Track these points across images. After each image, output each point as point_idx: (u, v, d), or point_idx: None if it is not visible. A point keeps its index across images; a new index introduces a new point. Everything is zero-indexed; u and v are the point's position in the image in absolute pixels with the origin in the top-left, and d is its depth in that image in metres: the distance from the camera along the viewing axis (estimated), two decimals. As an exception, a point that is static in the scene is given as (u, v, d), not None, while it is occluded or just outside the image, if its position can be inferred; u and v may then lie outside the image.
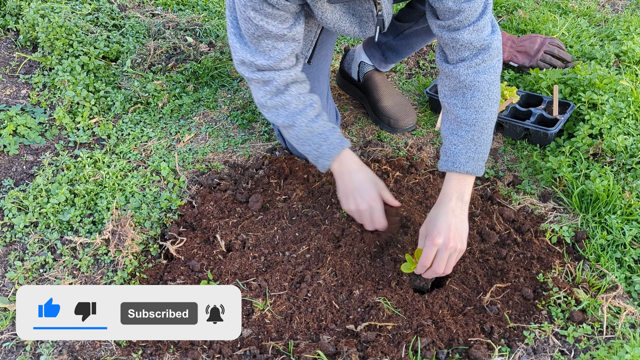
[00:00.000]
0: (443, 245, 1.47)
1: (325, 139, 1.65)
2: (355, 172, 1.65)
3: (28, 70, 2.49)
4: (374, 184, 1.65)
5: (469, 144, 1.53)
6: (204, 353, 1.45)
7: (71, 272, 1.69)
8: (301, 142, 1.68)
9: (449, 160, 1.54)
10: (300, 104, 1.64)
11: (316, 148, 1.66)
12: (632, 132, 1.90)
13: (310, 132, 1.65)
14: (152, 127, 2.24)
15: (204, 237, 1.75)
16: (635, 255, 1.62)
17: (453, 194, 1.52)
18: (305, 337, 1.47)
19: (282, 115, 1.65)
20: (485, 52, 1.50)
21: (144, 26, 2.73)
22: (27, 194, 1.91)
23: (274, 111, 1.66)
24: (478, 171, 1.54)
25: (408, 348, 1.42)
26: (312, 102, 1.67)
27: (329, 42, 1.97)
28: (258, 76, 1.59)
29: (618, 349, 1.36)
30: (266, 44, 1.53)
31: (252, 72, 1.59)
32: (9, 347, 1.50)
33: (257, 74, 1.59)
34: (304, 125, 1.65)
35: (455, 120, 1.55)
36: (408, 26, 2.05)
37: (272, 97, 1.63)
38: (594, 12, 2.94)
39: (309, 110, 1.65)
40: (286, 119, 1.65)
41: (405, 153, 2.06)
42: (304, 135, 1.66)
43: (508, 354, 1.42)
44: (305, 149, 1.69)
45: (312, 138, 1.66)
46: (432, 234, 1.48)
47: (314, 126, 1.65)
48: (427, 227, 1.52)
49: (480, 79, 1.51)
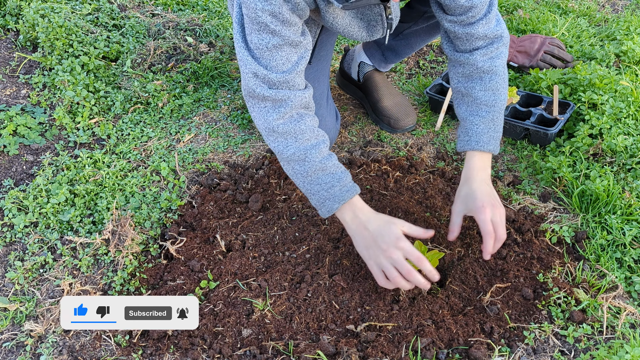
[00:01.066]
0: (493, 213, 1.52)
1: (338, 180, 1.51)
2: (370, 220, 1.50)
3: (28, 70, 2.49)
4: (393, 223, 1.49)
5: (490, 124, 1.60)
6: (204, 353, 1.45)
7: (71, 272, 1.69)
8: (309, 180, 1.52)
9: (472, 140, 1.59)
10: (314, 137, 1.51)
11: (327, 189, 1.51)
12: (632, 132, 1.90)
13: (323, 171, 1.51)
14: (152, 127, 2.24)
15: (204, 237, 1.75)
16: (635, 255, 1.62)
17: (479, 168, 1.59)
18: (305, 337, 1.47)
19: (293, 146, 1.49)
20: (498, 40, 1.59)
21: (144, 26, 2.73)
22: (27, 194, 1.91)
23: (282, 140, 1.50)
24: (496, 150, 1.62)
25: (408, 348, 1.42)
26: (324, 138, 1.54)
27: (329, 42, 1.97)
28: (271, 94, 1.46)
29: (618, 349, 1.36)
30: (280, 56, 1.44)
31: (264, 89, 1.46)
32: (9, 347, 1.50)
33: (270, 91, 1.46)
34: (317, 161, 1.50)
35: (474, 102, 1.61)
36: (407, 26, 2.05)
37: (286, 122, 1.49)
38: (594, 12, 2.94)
39: (322, 146, 1.52)
40: (297, 150, 1.49)
41: (405, 153, 2.06)
42: (314, 173, 1.51)
43: (508, 354, 1.42)
44: (313, 188, 1.52)
45: (324, 177, 1.51)
46: (478, 208, 1.52)
47: (328, 164, 1.51)
48: (467, 204, 1.55)
49: (496, 63, 1.59)
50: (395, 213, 1.74)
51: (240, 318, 1.52)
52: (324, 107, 1.95)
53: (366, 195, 1.83)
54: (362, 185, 1.88)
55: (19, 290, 1.65)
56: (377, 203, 1.80)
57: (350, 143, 2.14)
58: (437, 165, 2.01)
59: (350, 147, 2.12)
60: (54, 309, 1.58)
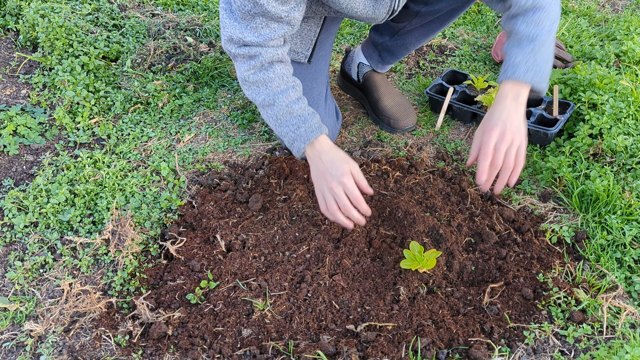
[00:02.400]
0: (500, 137, 1.46)
1: (304, 121, 1.63)
2: (326, 152, 1.62)
3: (28, 70, 2.49)
4: (345, 162, 1.60)
5: (529, 56, 1.51)
6: (204, 353, 1.45)
7: (71, 272, 1.69)
8: (279, 123, 1.66)
9: (508, 71, 1.52)
10: (283, 83, 1.63)
11: (294, 130, 1.64)
12: (632, 132, 1.90)
13: (290, 114, 1.64)
14: (152, 127, 2.24)
15: (204, 237, 1.75)
16: (635, 255, 1.62)
17: (508, 94, 1.52)
18: (305, 337, 1.47)
19: (263, 93, 1.63)
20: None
21: (144, 26, 2.73)
22: (27, 194, 1.91)
23: (254, 88, 1.64)
24: (537, 83, 1.51)
25: (408, 348, 1.42)
26: (294, 84, 1.65)
27: (327, 42, 1.97)
28: (244, 51, 1.58)
29: (618, 349, 1.36)
30: (259, 22, 1.52)
31: (238, 47, 1.58)
32: (9, 347, 1.50)
33: (243, 49, 1.57)
34: (284, 105, 1.63)
35: (515, 36, 1.54)
36: (402, 26, 2.07)
37: (256, 72, 1.61)
38: (594, 12, 2.94)
39: (291, 91, 1.64)
40: (267, 96, 1.63)
41: (405, 153, 2.06)
42: (282, 116, 1.64)
43: (508, 354, 1.42)
44: (282, 130, 1.66)
45: (291, 119, 1.64)
46: (487, 127, 1.49)
47: (295, 107, 1.64)
48: (484, 126, 1.52)
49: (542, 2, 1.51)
50: (395, 213, 1.74)
51: (240, 318, 1.52)
52: (322, 107, 1.95)
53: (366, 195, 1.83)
54: (362, 185, 1.89)
55: (19, 290, 1.65)
56: (377, 203, 1.80)
57: (350, 143, 2.14)
58: (437, 165, 2.01)
59: (350, 147, 2.12)
60: (54, 309, 1.58)
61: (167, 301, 1.59)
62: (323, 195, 1.62)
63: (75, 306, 1.58)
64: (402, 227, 1.71)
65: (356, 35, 2.80)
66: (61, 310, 1.57)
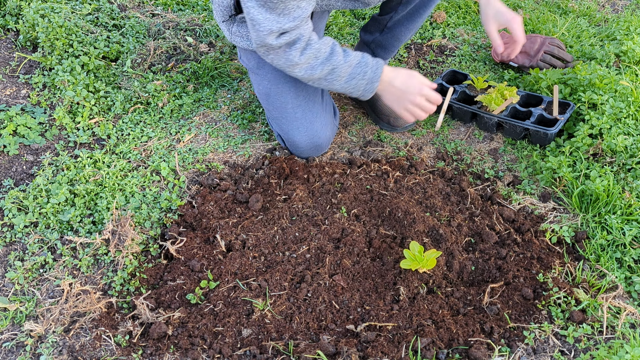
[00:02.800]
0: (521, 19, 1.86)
1: (365, 65, 1.74)
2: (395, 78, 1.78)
3: (28, 70, 2.49)
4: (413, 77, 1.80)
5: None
6: (204, 353, 1.45)
7: (71, 272, 1.69)
8: (345, 80, 1.73)
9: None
10: (327, 46, 1.70)
11: (362, 76, 1.74)
12: (632, 132, 1.90)
13: (350, 66, 1.72)
14: (152, 127, 2.24)
15: (204, 237, 1.75)
16: (635, 255, 1.62)
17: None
18: (305, 337, 1.47)
19: (318, 65, 1.69)
20: None
21: (144, 26, 2.73)
22: (27, 194, 1.91)
23: (306, 66, 1.68)
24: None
25: (408, 348, 1.42)
26: (332, 42, 1.73)
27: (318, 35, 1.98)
28: (285, 39, 1.61)
29: (618, 349, 1.36)
30: (291, 6, 1.56)
31: (277, 38, 1.61)
32: (9, 347, 1.50)
33: (283, 37, 1.61)
34: (342, 62, 1.70)
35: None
36: (389, 17, 2.08)
37: (303, 51, 1.66)
38: (594, 12, 2.94)
39: (336, 48, 1.72)
40: (323, 65, 1.69)
41: (405, 153, 2.06)
42: (346, 72, 1.72)
43: (508, 354, 1.42)
44: (351, 83, 1.74)
45: (355, 70, 1.73)
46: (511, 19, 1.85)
47: (350, 59, 1.72)
48: (499, 19, 1.87)
49: None
50: (395, 213, 1.74)
51: (240, 318, 1.52)
52: (319, 104, 1.95)
53: (366, 195, 1.83)
54: (362, 185, 1.89)
55: (19, 290, 1.65)
56: (377, 203, 1.80)
57: (350, 143, 2.14)
58: (437, 165, 2.01)
59: (350, 147, 2.12)
60: (54, 309, 1.58)
61: (167, 301, 1.59)
62: (407, 109, 1.82)
63: (75, 306, 1.58)
64: (402, 227, 1.71)
65: (356, 36, 2.80)
66: (61, 310, 1.57)
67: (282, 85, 1.90)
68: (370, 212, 1.78)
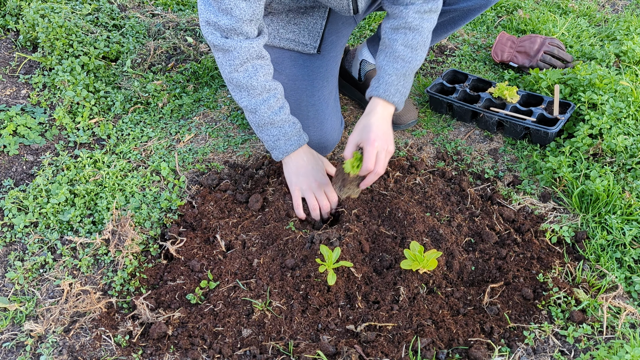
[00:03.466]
0: (381, 147, 1.66)
1: (284, 134, 1.73)
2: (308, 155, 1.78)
3: (28, 70, 2.49)
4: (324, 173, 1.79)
5: (401, 78, 1.72)
6: (204, 353, 1.45)
7: (71, 272, 1.69)
8: (260, 130, 1.75)
9: (381, 87, 1.72)
10: (265, 91, 1.69)
11: (273, 140, 1.74)
12: (632, 132, 1.90)
13: (271, 124, 1.72)
14: (152, 127, 2.24)
15: (204, 237, 1.75)
16: (635, 255, 1.62)
17: (378, 108, 1.72)
18: (305, 337, 1.47)
19: (245, 99, 1.70)
20: (434, 1, 1.69)
21: (144, 26, 2.73)
22: (27, 194, 1.91)
23: (237, 91, 1.70)
24: (400, 106, 1.75)
25: (408, 348, 1.42)
26: (276, 92, 1.72)
27: (339, 43, 1.99)
28: (220, 42, 1.61)
29: (618, 349, 1.36)
30: (228, 1, 1.55)
31: (215, 36, 1.61)
32: (9, 347, 1.50)
33: (219, 39, 1.61)
34: (266, 116, 1.71)
35: (393, 54, 1.72)
36: None
37: (240, 75, 1.65)
38: (594, 12, 2.94)
39: (272, 100, 1.70)
40: (249, 103, 1.70)
41: (405, 153, 2.06)
42: (264, 125, 1.73)
43: (508, 354, 1.42)
44: (263, 137, 1.76)
45: (272, 130, 1.73)
46: (370, 138, 1.66)
47: (276, 119, 1.72)
48: (362, 134, 1.69)
49: (423, 25, 1.70)
50: (395, 213, 1.74)
51: (240, 318, 1.52)
52: (332, 106, 1.95)
53: (366, 195, 1.83)
54: (362, 185, 1.89)
55: (19, 290, 1.65)
56: (377, 203, 1.80)
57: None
58: (437, 165, 2.01)
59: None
60: (54, 309, 1.58)
61: (167, 301, 1.59)
62: (303, 192, 1.76)
63: (75, 306, 1.58)
64: (402, 227, 1.71)
65: (356, 35, 2.80)
66: (61, 310, 1.57)
67: (300, 82, 1.91)
68: (371, 212, 1.78)
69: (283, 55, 1.93)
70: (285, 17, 1.87)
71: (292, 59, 1.93)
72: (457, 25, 2.08)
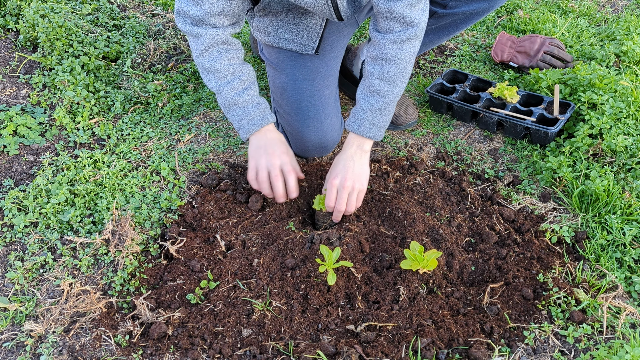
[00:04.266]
0: (340, 185, 1.67)
1: (247, 114, 1.76)
2: (272, 131, 1.78)
3: (28, 70, 2.49)
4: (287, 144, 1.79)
5: (376, 113, 1.70)
6: (204, 353, 1.45)
7: (71, 272, 1.69)
8: (227, 110, 1.78)
9: (356, 123, 1.72)
10: (229, 74, 1.73)
11: (238, 120, 1.77)
12: (632, 132, 1.90)
13: (235, 104, 1.75)
14: (152, 127, 2.24)
15: (204, 237, 1.75)
16: (635, 255, 1.62)
17: (354, 143, 1.72)
18: (305, 337, 1.47)
19: (212, 81, 1.74)
20: (412, 29, 1.61)
21: (144, 26, 2.73)
22: (27, 194, 1.91)
23: (205, 74, 1.74)
24: (378, 137, 1.73)
25: (408, 348, 1.42)
26: (240, 74, 1.75)
27: (339, 44, 1.98)
28: (189, 29, 1.66)
29: (618, 349, 1.36)
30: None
31: (185, 24, 1.66)
32: (9, 347, 1.50)
33: (189, 27, 1.66)
34: (229, 97, 1.74)
35: (369, 87, 1.69)
36: None
37: (206, 59, 1.70)
38: (594, 12, 2.94)
39: (236, 82, 1.74)
40: (214, 85, 1.74)
41: (405, 153, 2.06)
42: (228, 105, 1.76)
43: (508, 354, 1.42)
44: (229, 117, 1.79)
45: (236, 110, 1.76)
46: (330, 176, 1.70)
47: (239, 99, 1.75)
48: (330, 172, 1.73)
49: (401, 55, 1.64)
50: (395, 213, 1.74)
51: (240, 318, 1.52)
52: (332, 106, 1.95)
53: (366, 195, 1.83)
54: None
55: (19, 290, 1.65)
56: (377, 203, 1.80)
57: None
58: (437, 165, 2.01)
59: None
60: (54, 309, 1.58)
61: (167, 301, 1.59)
62: (256, 163, 1.76)
63: (75, 306, 1.58)
64: (402, 227, 1.71)
65: (356, 35, 2.80)
66: (61, 310, 1.57)
67: (300, 82, 1.91)
68: (371, 212, 1.78)
69: (284, 55, 1.93)
70: (285, 17, 1.87)
71: (292, 59, 1.93)
72: (458, 28, 2.07)
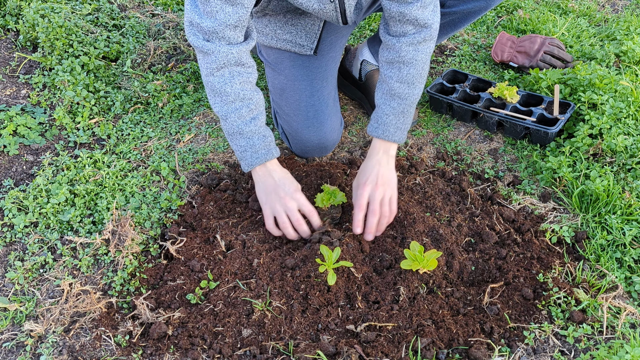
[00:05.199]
0: (372, 191, 1.63)
1: (252, 146, 1.66)
2: (276, 171, 1.70)
3: (28, 70, 2.49)
4: (295, 182, 1.72)
5: (399, 116, 1.69)
6: (204, 353, 1.45)
7: (71, 272, 1.69)
8: (230, 138, 1.68)
9: (380, 128, 1.70)
10: (238, 100, 1.62)
11: (241, 151, 1.68)
12: (632, 132, 1.90)
13: (240, 134, 1.65)
14: (152, 127, 2.24)
15: (204, 237, 1.75)
16: (635, 255, 1.62)
17: (380, 149, 1.70)
18: (305, 337, 1.47)
19: (218, 104, 1.63)
20: (427, 30, 1.61)
21: (144, 26, 2.73)
22: (27, 194, 1.91)
23: (212, 95, 1.63)
24: (402, 140, 1.72)
25: (408, 348, 1.42)
26: (250, 101, 1.64)
27: (338, 44, 1.98)
28: (200, 44, 1.55)
29: (618, 349, 1.36)
30: (214, 4, 1.49)
31: (197, 37, 1.55)
32: (9, 347, 1.50)
33: (200, 41, 1.55)
34: (235, 125, 1.64)
35: (389, 91, 1.68)
36: None
37: (216, 80, 1.58)
38: (594, 12, 2.94)
39: (244, 110, 1.63)
40: (220, 109, 1.63)
41: (405, 153, 2.06)
42: (232, 134, 1.66)
43: (508, 354, 1.42)
44: (232, 145, 1.70)
45: (240, 140, 1.66)
46: (361, 182, 1.66)
47: (245, 129, 1.64)
48: (358, 178, 1.69)
49: (418, 57, 1.63)
50: (396, 213, 1.74)
51: (240, 318, 1.52)
52: (331, 107, 1.95)
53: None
54: (362, 185, 1.88)
55: (19, 290, 1.65)
56: (377, 203, 1.80)
57: (350, 143, 2.14)
58: (437, 165, 2.01)
59: (350, 147, 2.12)
60: (54, 309, 1.58)
61: (167, 301, 1.59)
62: (272, 210, 1.68)
63: (75, 306, 1.58)
64: (402, 227, 1.71)
65: (356, 35, 2.80)
66: (61, 310, 1.57)
67: (299, 83, 1.91)
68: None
69: (282, 56, 1.93)
70: (283, 17, 1.87)
71: (291, 60, 1.93)
72: (457, 27, 2.07)
